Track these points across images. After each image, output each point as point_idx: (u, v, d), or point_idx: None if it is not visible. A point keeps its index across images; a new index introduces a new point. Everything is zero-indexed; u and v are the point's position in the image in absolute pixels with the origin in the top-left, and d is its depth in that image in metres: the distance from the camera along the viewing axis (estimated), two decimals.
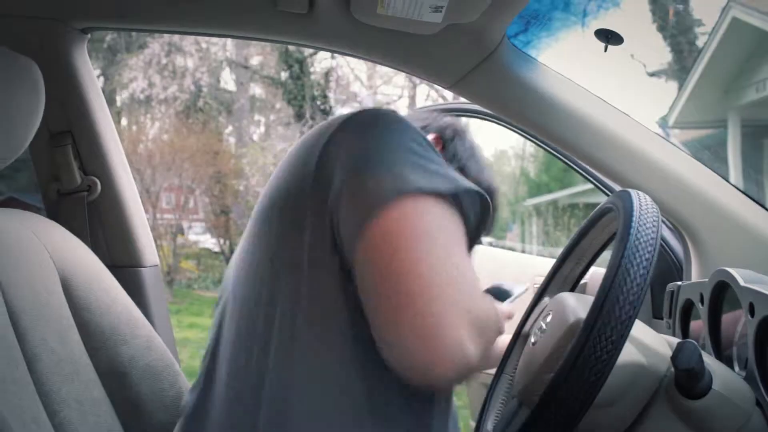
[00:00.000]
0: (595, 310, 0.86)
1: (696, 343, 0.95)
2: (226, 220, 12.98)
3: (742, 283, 1.10)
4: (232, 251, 13.24)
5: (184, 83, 13.30)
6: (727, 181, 1.50)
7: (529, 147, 15.37)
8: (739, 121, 9.39)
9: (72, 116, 1.58)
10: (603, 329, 0.85)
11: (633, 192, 1.00)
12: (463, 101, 2.47)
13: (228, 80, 15.20)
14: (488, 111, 2.10)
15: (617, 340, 0.85)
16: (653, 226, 0.92)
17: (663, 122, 9.96)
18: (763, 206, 1.49)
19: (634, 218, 0.92)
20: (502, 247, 8.68)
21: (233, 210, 13.17)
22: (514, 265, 2.57)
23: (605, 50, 1.35)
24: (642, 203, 0.96)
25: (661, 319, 1.52)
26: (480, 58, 1.43)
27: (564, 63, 1.54)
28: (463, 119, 1.91)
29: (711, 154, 9.47)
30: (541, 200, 14.79)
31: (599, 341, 0.85)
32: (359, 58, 1.53)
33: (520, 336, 1.28)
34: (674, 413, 1.00)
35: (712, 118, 10.07)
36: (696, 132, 10.74)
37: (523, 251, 12.78)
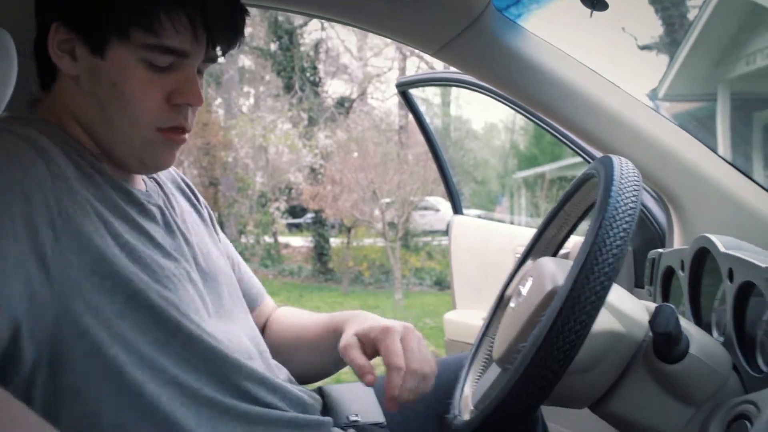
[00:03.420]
0: (571, 280, 0.86)
1: (674, 307, 0.95)
2: (215, 191, 12.96)
3: (721, 249, 1.10)
4: (221, 223, 13.24)
5: None
6: (710, 148, 1.50)
7: (519, 120, 15.39)
8: (728, 94, 9.39)
9: None
10: (578, 299, 0.85)
11: (615, 158, 0.99)
12: (451, 71, 2.47)
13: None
14: (474, 80, 2.10)
15: (591, 310, 0.85)
16: (633, 195, 0.92)
17: (653, 95, 9.95)
18: (745, 174, 1.49)
19: (614, 187, 0.92)
20: (491, 219, 8.72)
21: (222, 182, 13.15)
22: (498, 235, 2.58)
23: (590, 16, 1.34)
24: (623, 171, 0.95)
25: (643, 288, 1.52)
26: (465, 24, 1.42)
27: (555, 36, 1.53)
28: None
29: (701, 126, 9.48)
30: (530, 173, 14.79)
31: (573, 312, 0.85)
32: (341, 23, 1.51)
33: (502, 299, 1.28)
34: (652, 377, 1.01)
35: (702, 91, 10.06)
36: (686, 105, 10.74)
37: (512, 223, 12.82)
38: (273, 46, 13.54)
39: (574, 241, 1.78)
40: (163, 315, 0.97)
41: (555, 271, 1.03)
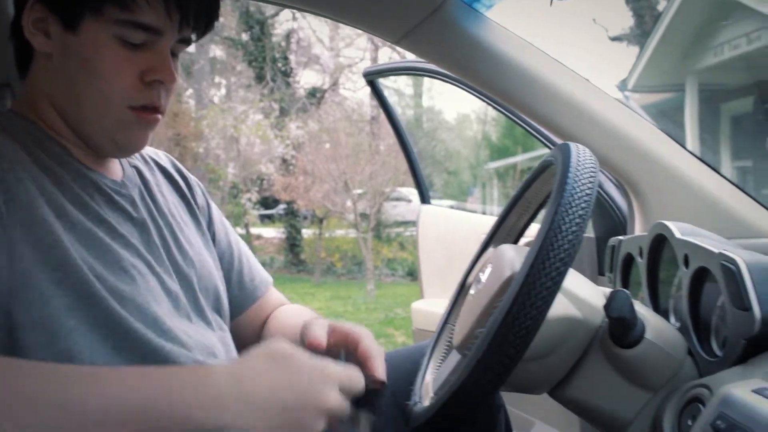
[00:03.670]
0: (527, 266, 0.87)
1: (628, 292, 0.96)
2: None
3: (678, 235, 1.11)
4: None
5: None
6: (671, 137, 1.51)
7: (491, 111, 15.45)
8: (696, 85, 9.48)
9: (11, 68, 1.53)
10: (533, 285, 0.85)
11: (573, 146, 0.99)
12: (420, 60, 2.47)
13: None
14: (438, 69, 2.10)
15: (547, 295, 0.85)
16: (589, 182, 0.92)
17: (623, 86, 10.03)
18: (705, 163, 1.50)
19: (570, 174, 0.92)
20: (464, 210, 8.76)
21: (193, 173, 12.98)
22: (466, 224, 2.59)
23: (550, 4, 1.34)
24: (580, 158, 0.96)
25: (605, 275, 1.53)
26: (426, 13, 1.41)
27: (525, 28, 1.53)
28: None
29: (668, 118, 9.57)
30: (502, 164, 14.86)
31: (529, 297, 0.85)
32: (304, 10, 1.50)
33: (464, 287, 1.29)
34: (608, 363, 1.02)
35: (670, 82, 10.15)
36: (655, 96, 10.83)
37: (484, 213, 12.90)
38: (244, 36, 13.45)
39: (537, 229, 1.79)
40: (116, 308, 0.95)
41: (514, 257, 1.04)
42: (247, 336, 1.32)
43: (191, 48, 14.87)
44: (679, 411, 0.98)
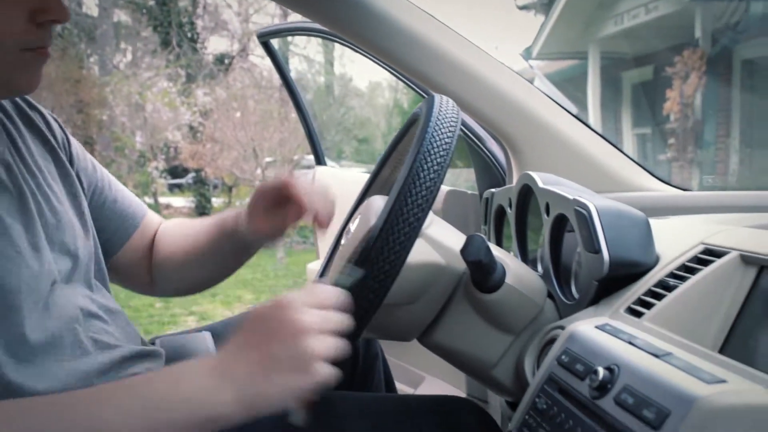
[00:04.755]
0: (386, 212, 0.88)
1: (483, 236, 0.99)
2: (90, 151, 12.34)
3: (540, 184, 1.15)
4: None
5: None
6: (545, 94, 1.55)
7: None
8: (599, 53, 9.69)
9: None
10: (391, 230, 0.87)
11: (438, 97, 1.01)
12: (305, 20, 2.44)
13: (90, 5, 14.55)
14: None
15: (405, 240, 0.87)
16: (449, 131, 0.93)
17: (527, 54, 10.17)
18: (578, 118, 1.55)
19: (431, 123, 0.94)
20: None
21: (98, 141, 12.71)
22: (358, 184, 2.59)
23: None
24: (442, 108, 0.97)
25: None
26: None
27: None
28: None
29: (572, 86, 9.76)
30: None
31: (387, 242, 0.87)
32: None
33: (339, 240, 1.30)
34: (472, 308, 1.05)
35: (574, 50, 10.34)
36: (559, 63, 11.02)
37: None
38: (150, 1, 13.10)
39: None
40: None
41: (380, 207, 1.05)
42: (136, 260, 1.31)
43: (94, 12, 14.45)
44: (539, 352, 1.02)
